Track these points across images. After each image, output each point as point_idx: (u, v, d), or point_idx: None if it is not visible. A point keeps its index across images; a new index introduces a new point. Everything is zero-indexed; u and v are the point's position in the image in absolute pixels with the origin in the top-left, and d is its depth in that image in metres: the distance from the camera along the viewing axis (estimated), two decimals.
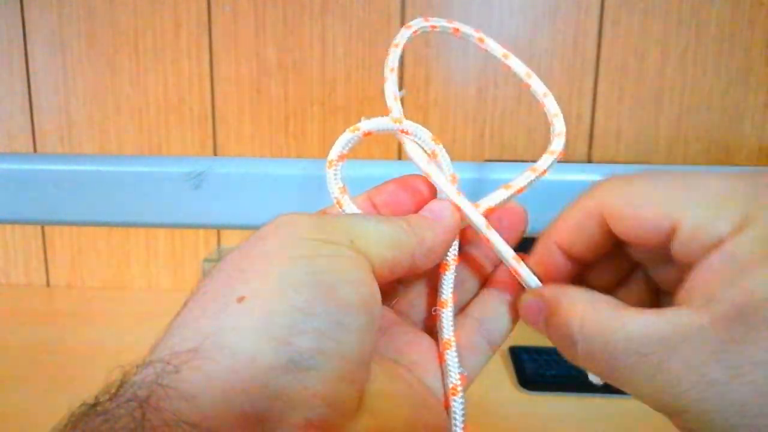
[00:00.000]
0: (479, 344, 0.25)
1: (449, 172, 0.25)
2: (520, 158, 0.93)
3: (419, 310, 0.26)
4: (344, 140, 0.24)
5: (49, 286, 1.02)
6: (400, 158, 0.92)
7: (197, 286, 0.20)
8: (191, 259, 1.00)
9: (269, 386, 0.17)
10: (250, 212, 0.36)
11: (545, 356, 0.77)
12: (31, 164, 0.37)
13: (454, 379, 0.23)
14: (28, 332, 0.87)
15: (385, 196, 0.25)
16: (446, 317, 0.24)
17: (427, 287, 0.26)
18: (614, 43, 0.89)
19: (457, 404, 0.23)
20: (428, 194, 0.25)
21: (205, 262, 0.96)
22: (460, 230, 0.25)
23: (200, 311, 0.19)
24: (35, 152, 0.97)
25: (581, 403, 0.69)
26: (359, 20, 0.91)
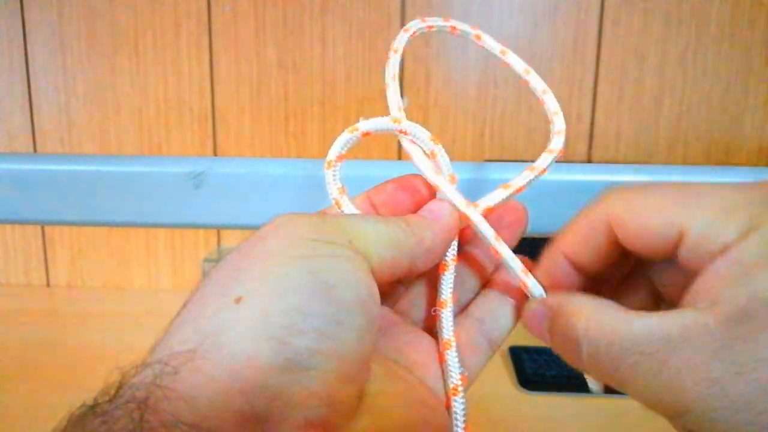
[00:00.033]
0: (480, 344, 0.25)
1: (448, 172, 0.25)
2: (520, 158, 0.93)
3: (419, 310, 0.26)
4: (343, 141, 0.24)
5: (49, 286, 1.02)
6: (400, 158, 0.92)
7: (196, 286, 0.20)
8: (191, 259, 1.00)
9: (268, 386, 0.17)
10: (250, 212, 0.36)
11: (545, 356, 0.77)
12: (31, 164, 0.37)
13: (454, 379, 0.23)
14: (28, 332, 0.87)
15: (384, 196, 0.25)
16: (446, 317, 0.24)
17: (427, 287, 0.26)
18: (614, 43, 0.89)
19: (458, 404, 0.23)
20: (427, 194, 0.25)
21: (205, 262, 0.96)
22: (459, 230, 0.25)
23: (199, 312, 0.19)
24: (35, 152, 0.97)
25: (581, 403, 0.69)
26: (359, 20, 0.91)
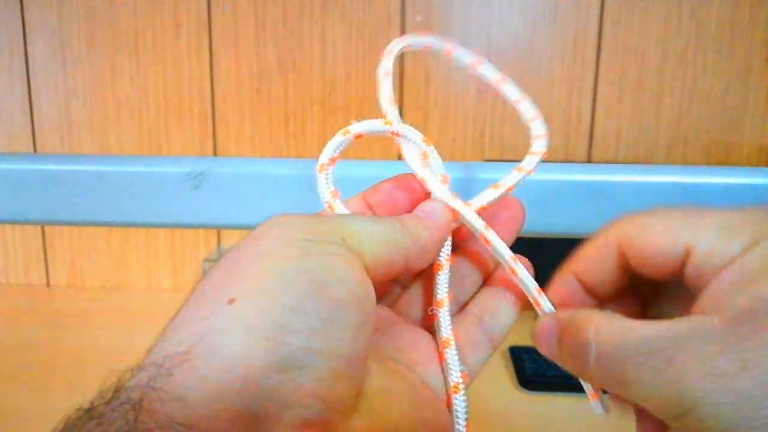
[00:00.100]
0: (480, 341, 0.25)
1: (440, 172, 0.25)
2: (520, 158, 0.92)
3: (418, 309, 0.26)
4: (335, 143, 0.24)
5: (49, 286, 1.02)
6: (399, 158, 0.92)
7: (193, 288, 0.20)
8: (191, 259, 1.00)
9: (262, 386, 0.17)
10: (250, 212, 0.36)
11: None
12: (31, 164, 0.37)
13: (455, 377, 0.23)
14: (28, 332, 0.87)
15: (380, 195, 0.25)
16: (443, 316, 0.24)
17: (425, 287, 0.27)
18: (614, 43, 0.89)
19: (459, 402, 0.23)
20: (423, 193, 0.25)
21: (205, 262, 0.96)
22: (454, 229, 0.25)
23: (193, 314, 0.19)
24: (35, 152, 0.97)
25: (581, 403, 0.69)
26: (359, 20, 0.91)
